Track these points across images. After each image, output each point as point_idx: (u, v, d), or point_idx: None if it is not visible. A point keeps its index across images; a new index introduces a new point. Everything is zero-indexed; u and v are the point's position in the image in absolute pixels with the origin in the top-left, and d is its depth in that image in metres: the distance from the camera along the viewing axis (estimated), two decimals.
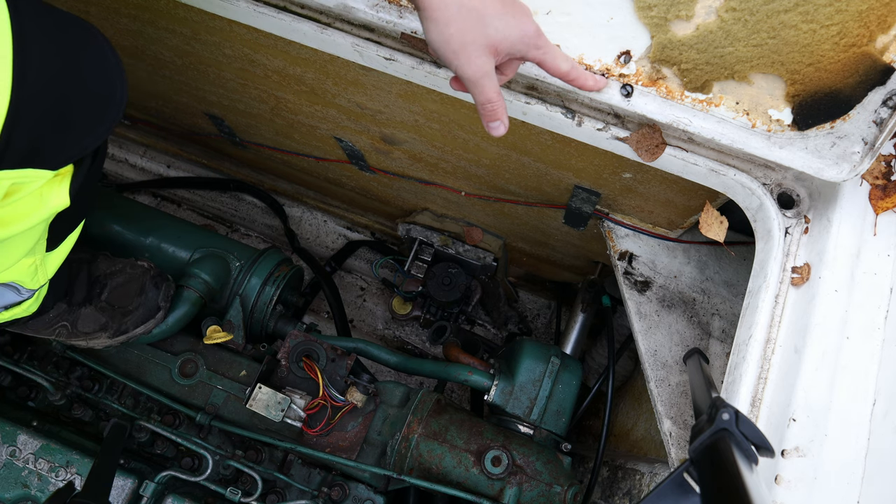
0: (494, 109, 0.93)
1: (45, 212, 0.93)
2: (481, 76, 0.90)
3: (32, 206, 0.90)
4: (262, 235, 2.56)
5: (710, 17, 0.95)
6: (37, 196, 0.90)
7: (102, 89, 0.91)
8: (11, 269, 1.02)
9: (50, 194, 0.92)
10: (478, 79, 0.90)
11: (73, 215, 1.08)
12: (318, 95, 1.50)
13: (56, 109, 0.83)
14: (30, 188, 0.87)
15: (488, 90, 0.91)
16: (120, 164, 2.56)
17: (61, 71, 0.82)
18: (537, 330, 2.55)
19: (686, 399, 1.36)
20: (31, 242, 1.01)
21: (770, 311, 1.06)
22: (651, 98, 1.04)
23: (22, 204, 0.88)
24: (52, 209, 0.93)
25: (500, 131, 0.96)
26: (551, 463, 1.42)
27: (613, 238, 1.57)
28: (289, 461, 1.52)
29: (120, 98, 0.94)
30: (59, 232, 1.11)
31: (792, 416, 0.97)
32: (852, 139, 1.00)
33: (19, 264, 1.03)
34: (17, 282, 1.08)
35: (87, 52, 0.87)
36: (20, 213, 0.89)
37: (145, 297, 1.41)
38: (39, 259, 1.08)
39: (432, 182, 1.78)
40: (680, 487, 0.82)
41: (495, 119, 0.94)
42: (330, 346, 1.51)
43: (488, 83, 0.91)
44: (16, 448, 1.39)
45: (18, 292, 1.12)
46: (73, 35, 0.86)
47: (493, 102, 0.93)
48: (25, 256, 1.02)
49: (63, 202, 0.94)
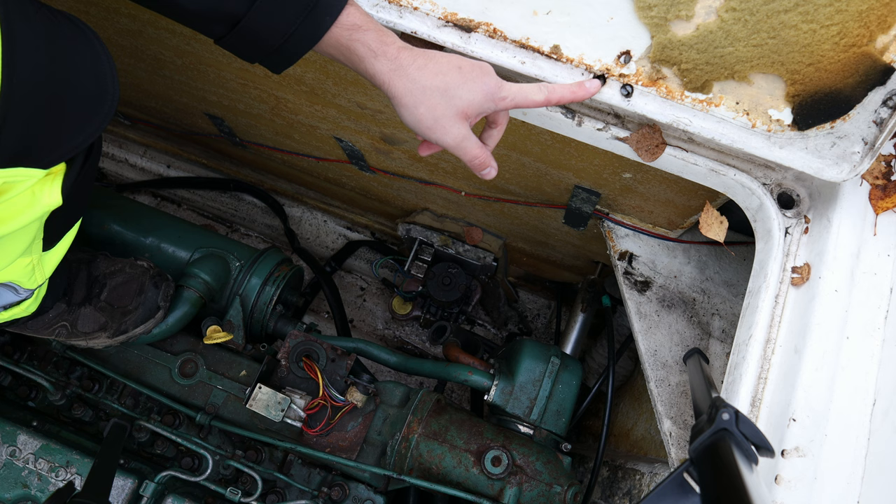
0: (482, 162, 1.04)
1: (37, 210, 0.92)
2: (460, 141, 1.00)
3: (24, 205, 0.90)
4: (262, 235, 2.56)
5: (710, 17, 0.95)
6: (28, 195, 0.90)
7: (93, 87, 0.90)
8: (8, 268, 1.02)
9: (42, 193, 0.92)
10: (457, 144, 1.00)
11: (69, 214, 1.08)
12: (318, 95, 1.50)
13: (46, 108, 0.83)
14: (21, 187, 0.87)
15: (470, 151, 1.02)
16: (120, 164, 2.56)
17: (51, 69, 0.82)
18: (537, 330, 2.55)
19: (686, 399, 1.36)
20: (27, 242, 1.01)
21: (770, 311, 1.06)
22: (651, 98, 1.04)
23: (13, 203, 0.88)
24: (44, 208, 0.93)
25: (491, 175, 1.06)
26: (551, 463, 1.42)
27: (613, 238, 1.57)
28: (289, 461, 1.52)
29: (111, 96, 0.93)
30: (55, 231, 1.11)
31: (792, 416, 0.97)
32: (852, 139, 1.00)
33: (16, 264, 1.03)
34: (15, 282, 1.08)
35: (77, 49, 0.87)
36: (12, 212, 0.89)
37: (145, 297, 1.41)
38: (36, 258, 1.08)
39: (432, 182, 1.78)
40: (680, 487, 0.82)
41: (484, 169, 1.05)
42: (330, 346, 1.51)
43: (468, 145, 1.01)
44: (16, 448, 1.39)
45: (16, 292, 1.12)
46: (64, 32, 0.85)
47: (478, 157, 1.03)
48: (21, 256, 1.02)
49: (55, 201, 0.94)
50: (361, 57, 0.94)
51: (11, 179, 0.83)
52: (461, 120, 0.99)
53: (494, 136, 1.09)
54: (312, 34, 0.92)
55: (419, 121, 0.98)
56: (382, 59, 0.94)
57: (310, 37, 0.92)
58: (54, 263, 1.16)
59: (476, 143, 1.02)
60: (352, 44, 0.93)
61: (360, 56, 0.94)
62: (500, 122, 1.08)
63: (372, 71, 0.95)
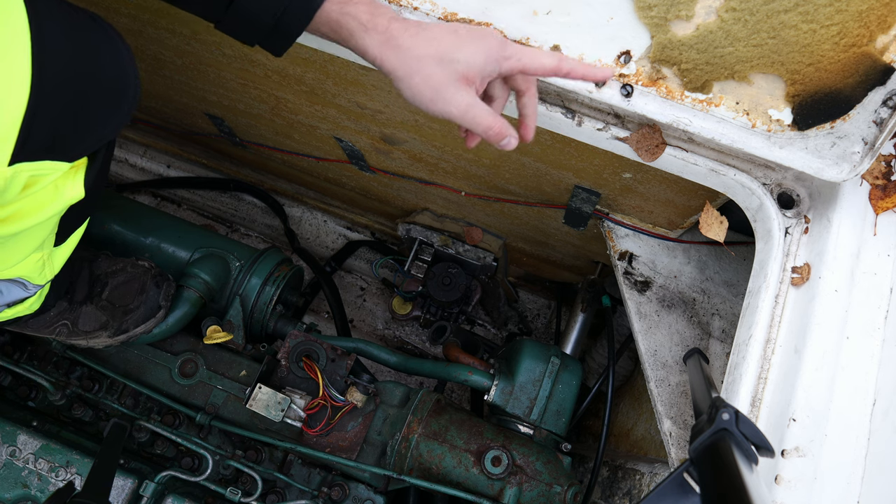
0: (498, 132, 0.93)
1: (60, 204, 0.93)
2: (466, 110, 0.91)
3: (48, 199, 0.91)
4: (262, 235, 2.56)
5: (710, 17, 0.95)
6: (52, 188, 0.90)
7: (117, 81, 0.90)
8: (21, 263, 1.03)
9: (65, 186, 0.92)
10: (464, 113, 0.91)
11: (84, 209, 1.08)
12: (318, 95, 1.50)
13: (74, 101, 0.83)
14: (47, 180, 0.87)
15: (481, 119, 0.92)
16: (120, 164, 2.56)
17: (77, 64, 0.82)
18: (537, 330, 2.56)
19: (686, 399, 1.36)
20: (43, 236, 1.02)
21: (770, 311, 1.06)
22: (651, 98, 1.04)
23: (39, 196, 0.88)
24: (67, 201, 0.94)
25: (512, 144, 0.95)
26: (551, 463, 1.42)
27: (613, 238, 1.57)
28: (289, 461, 1.52)
29: (134, 89, 0.93)
30: (68, 226, 1.11)
31: (792, 416, 0.97)
32: (852, 139, 1.00)
33: (29, 259, 1.03)
34: (26, 277, 1.08)
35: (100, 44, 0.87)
36: (37, 206, 0.90)
37: (146, 297, 1.41)
38: (47, 254, 1.09)
39: (432, 182, 1.78)
40: (680, 487, 0.82)
41: (503, 138, 0.94)
42: (330, 346, 1.51)
43: (478, 112, 0.91)
44: (16, 448, 1.39)
45: (25, 288, 1.12)
46: (87, 27, 0.85)
47: (492, 127, 0.93)
48: (35, 251, 1.03)
49: (78, 194, 0.94)
50: (352, 31, 0.89)
51: (39, 173, 0.83)
52: (465, 86, 0.90)
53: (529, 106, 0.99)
54: (306, 8, 0.88)
55: (419, 92, 0.90)
56: (373, 33, 0.88)
57: (304, 12, 0.88)
58: (63, 259, 1.16)
59: (486, 110, 0.92)
60: (342, 18, 0.88)
61: (350, 31, 0.89)
62: (525, 88, 0.97)
63: (363, 46, 0.89)
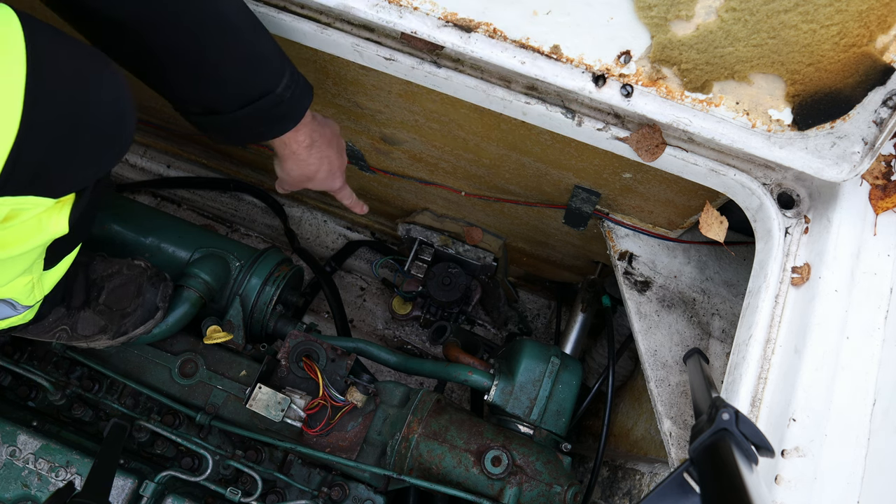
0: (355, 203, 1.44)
1: (43, 237, 0.91)
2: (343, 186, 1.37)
3: (30, 232, 0.89)
4: (262, 235, 2.56)
5: (710, 17, 0.95)
6: (35, 222, 0.89)
7: (112, 125, 0.89)
8: (7, 286, 1.01)
9: (49, 221, 0.91)
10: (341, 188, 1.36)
11: (72, 239, 1.07)
12: (317, 95, 1.49)
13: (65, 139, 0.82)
14: (29, 214, 0.86)
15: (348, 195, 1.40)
16: (120, 164, 2.56)
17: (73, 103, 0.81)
18: (537, 330, 2.55)
19: (686, 399, 1.36)
20: (28, 263, 1.00)
21: (770, 311, 1.06)
22: (651, 98, 1.04)
23: (20, 228, 0.87)
24: (50, 236, 0.92)
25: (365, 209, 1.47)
26: (551, 463, 1.42)
27: (613, 238, 1.57)
28: (289, 461, 1.52)
29: (128, 134, 0.92)
30: (58, 252, 1.10)
31: (792, 416, 0.97)
32: (852, 139, 1.00)
33: (15, 282, 1.02)
34: (14, 298, 1.07)
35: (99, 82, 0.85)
36: (17, 238, 0.88)
37: (143, 298, 1.41)
38: (36, 277, 1.07)
39: (432, 182, 1.78)
40: (680, 487, 0.82)
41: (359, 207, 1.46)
42: (330, 346, 1.51)
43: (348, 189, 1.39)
44: (16, 448, 1.39)
45: (14, 308, 1.11)
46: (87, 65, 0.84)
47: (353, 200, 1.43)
48: (21, 275, 1.01)
49: (61, 229, 0.93)
50: None
51: (19, 206, 0.82)
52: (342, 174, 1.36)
53: None
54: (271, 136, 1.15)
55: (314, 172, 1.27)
56: None
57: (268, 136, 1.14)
58: (54, 281, 1.15)
59: None
60: None
61: None
62: None
63: None
